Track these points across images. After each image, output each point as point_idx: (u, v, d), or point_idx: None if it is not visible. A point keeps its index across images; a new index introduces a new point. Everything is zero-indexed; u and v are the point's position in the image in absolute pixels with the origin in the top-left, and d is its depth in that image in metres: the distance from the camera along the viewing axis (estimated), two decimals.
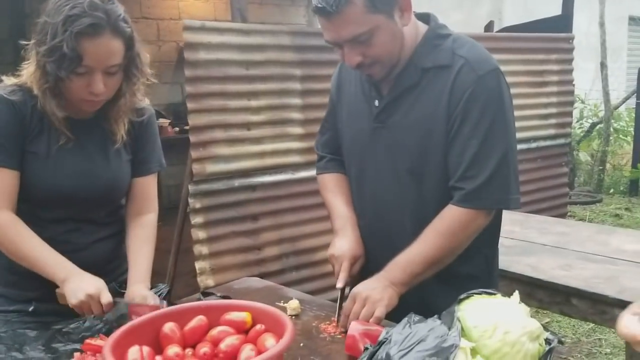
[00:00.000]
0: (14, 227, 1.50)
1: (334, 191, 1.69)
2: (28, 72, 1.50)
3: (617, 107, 7.63)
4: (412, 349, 0.98)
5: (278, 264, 3.49)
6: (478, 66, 1.42)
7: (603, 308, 1.95)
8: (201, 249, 3.23)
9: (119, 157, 1.64)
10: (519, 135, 4.74)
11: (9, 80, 1.54)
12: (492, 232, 1.55)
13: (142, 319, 1.17)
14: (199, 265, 3.23)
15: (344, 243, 1.57)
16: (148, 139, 1.71)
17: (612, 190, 7.39)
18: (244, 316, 1.20)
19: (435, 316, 1.08)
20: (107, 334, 1.40)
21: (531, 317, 1.10)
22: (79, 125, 1.57)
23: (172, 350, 1.12)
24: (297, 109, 3.50)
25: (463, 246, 1.46)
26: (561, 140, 4.95)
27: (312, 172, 3.51)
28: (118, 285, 1.61)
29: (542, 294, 2.06)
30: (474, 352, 1.01)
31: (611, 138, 7.51)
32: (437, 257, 1.45)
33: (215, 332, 1.17)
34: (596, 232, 2.76)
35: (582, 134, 7.66)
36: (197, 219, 3.21)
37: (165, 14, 6.61)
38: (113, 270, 1.67)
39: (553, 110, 4.83)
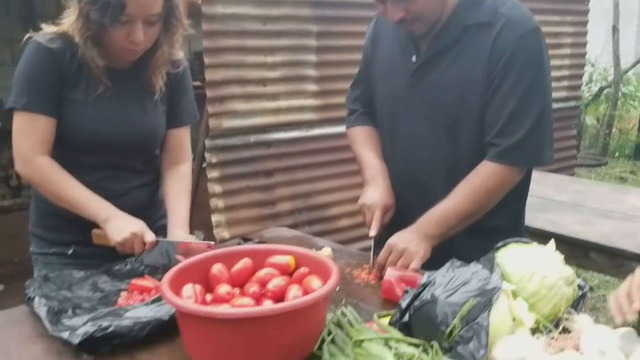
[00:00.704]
0: (54, 171, 1.54)
1: (365, 143, 1.72)
2: (69, 20, 1.51)
3: (626, 72, 7.60)
4: (457, 290, 1.04)
5: (291, 219, 3.55)
6: (520, 25, 1.43)
7: (621, 262, 2.03)
8: (217, 203, 3.30)
9: (155, 107, 1.67)
10: None
11: (49, 29, 1.55)
12: (522, 186, 1.58)
13: (191, 260, 1.22)
14: (214, 218, 3.29)
15: (376, 192, 1.60)
16: (183, 91, 1.74)
17: (617, 154, 7.44)
18: (287, 259, 1.25)
19: (475, 262, 1.14)
20: (151, 274, 1.47)
21: None
22: (117, 75, 1.59)
23: (223, 289, 1.17)
24: (312, 65, 3.50)
25: (496, 201, 1.50)
26: (572, 103, 4.96)
27: (326, 130, 3.60)
28: (154, 232, 1.66)
29: (562, 249, 2.11)
30: (514, 294, 1.07)
31: (619, 102, 7.51)
32: (471, 212, 1.49)
33: (261, 273, 1.22)
34: (611, 191, 2.83)
35: (590, 98, 7.65)
36: (213, 174, 3.26)
37: None
38: (149, 217, 1.71)
39: (565, 72, 4.83)
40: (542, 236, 2.05)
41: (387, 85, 1.64)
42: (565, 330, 1.06)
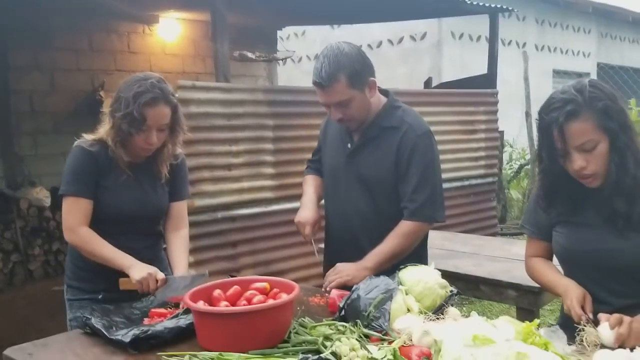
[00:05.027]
0: (92, 237, 2.13)
1: (309, 183, 2.43)
2: (104, 129, 2.15)
3: None
4: (371, 290, 1.68)
5: None
6: (417, 128, 2.17)
7: (501, 290, 2.74)
8: (189, 272, 3.80)
9: (162, 188, 2.29)
10: (455, 174, 5.70)
11: (88, 136, 2.19)
12: (423, 238, 2.27)
13: (199, 287, 1.82)
14: None
15: (306, 212, 2.26)
16: (181, 176, 2.37)
17: None
18: (264, 285, 1.86)
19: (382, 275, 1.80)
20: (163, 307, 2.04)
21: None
22: (136, 166, 2.22)
23: (223, 304, 1.77)
24: (270, 152, 4.22)
25: (413, 246, 2.17)
26: (489, 179, 5.83)
27: (282, 206, 4.29)
28: None
29: (460, 284, 2.81)
30: (407, 292, 1.72)
31: (537, 178, 8.52)
32: (396, 253, 2.13)
33: (247, 294, 1.82)
34: (503, 243, 3.60)
35: (512, 174, 8.65)
36: None
37: (138, 68, 7.20)
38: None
39: (482, 153, 5.72)
40: (445, 276, 2.76)
41: (331, 161, 2.34)
42: (441, 316, 1.71)
